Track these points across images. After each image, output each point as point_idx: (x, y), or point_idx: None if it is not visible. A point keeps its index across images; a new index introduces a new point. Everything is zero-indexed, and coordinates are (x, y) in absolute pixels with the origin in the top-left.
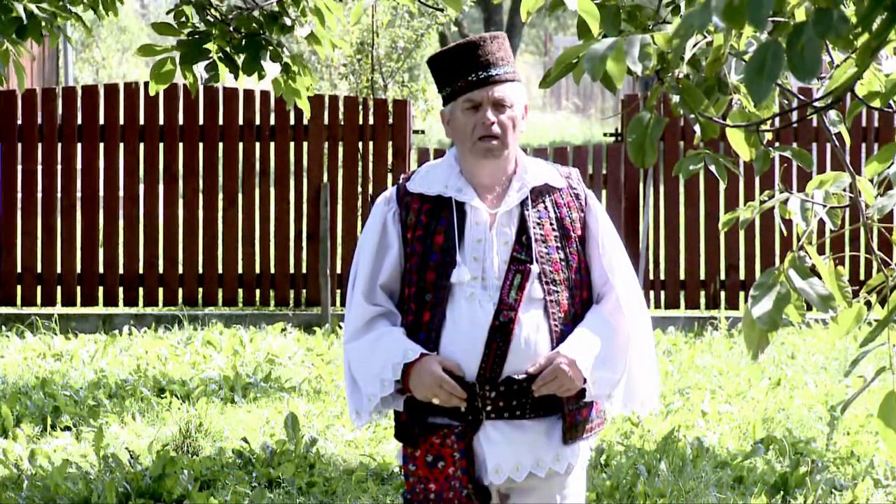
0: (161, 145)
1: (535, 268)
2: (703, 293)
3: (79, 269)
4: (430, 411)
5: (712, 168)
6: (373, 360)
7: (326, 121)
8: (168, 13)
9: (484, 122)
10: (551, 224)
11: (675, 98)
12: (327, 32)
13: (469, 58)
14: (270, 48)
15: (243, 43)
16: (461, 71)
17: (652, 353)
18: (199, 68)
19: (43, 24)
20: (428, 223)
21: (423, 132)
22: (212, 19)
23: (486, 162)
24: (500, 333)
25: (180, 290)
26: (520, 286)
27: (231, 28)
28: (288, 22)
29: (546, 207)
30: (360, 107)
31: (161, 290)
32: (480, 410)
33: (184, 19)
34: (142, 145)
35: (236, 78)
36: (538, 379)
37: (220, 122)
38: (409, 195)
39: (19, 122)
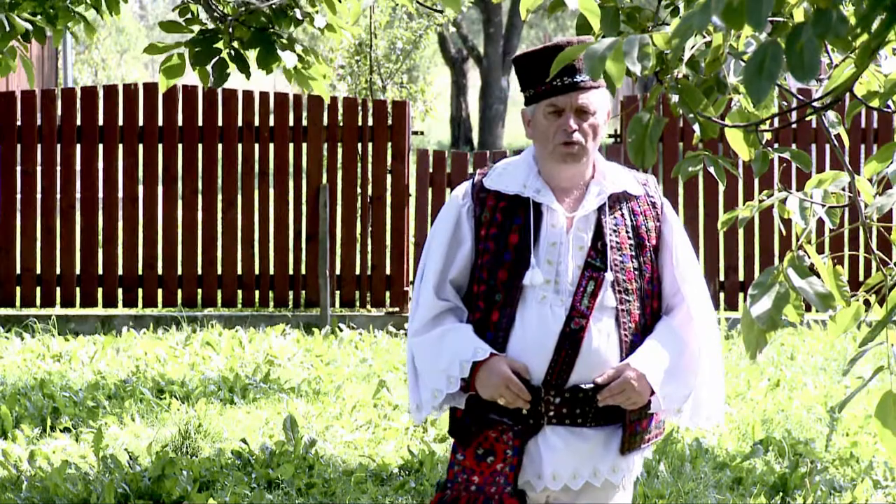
0: (160, 146)
1: (609, 276)
2: None
3: (78, 271)
4: (491, 410)
5: (711, 170)
6: (440, 356)
7: (325, 122)
8: (174, 10)
9: (566, 128)
10: (627, 232)
11: (675, 98)
12: (340, 21)
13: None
14: (281, 42)
15: (253, 39)
16: (546, 74)
17: (719, 366)
18: (211, 69)
19: (34, 29)
20: (503, 222)
21: (422, 133)
22: (219, 15)
23: (566, 167)
24: (570, 340)
25: (179, 291)
26: (593, 293)
27: (241, 21)
28: (298, 15)
29: (623, 215)
30: (359, 108)
31: (160, 290)
32: (542, 415)
33: (190, 16)
34: (141, 146)
35: (248, 77)
36: (605, 390)
37: (220, 123)
38: (484, 191)
39: (18, 123)
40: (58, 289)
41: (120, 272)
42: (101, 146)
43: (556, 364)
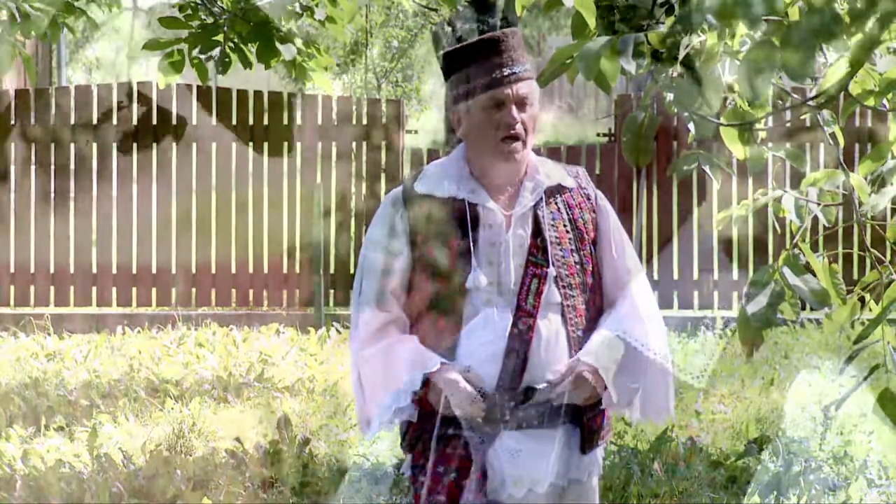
0: (154, 145)
1: (551, 271)
2: (696, 293)
3: (72, 269)
4: (445, 422)
5: (706, 168)
6: (387, 369)
7: (320, 121)
8: (173, 6)
9: (508, 121)
10: (565, 226)
11: (669, 97)
12: (340, 13)
13: (492, 54)
14: (280, 35)
15: (253, 33)
16: (483, 67)
17: (668, 359)
18: (213, 54)
19: (45, 22)
20: (439, 226)
21: (416, 132)
22: (219, 10)
23: (505, 164)
24: (519, 341)
25: (173, 290)
26: (537, 291)
27: (240, 16)
28: (297, 9)
29: (559, 209)
30: (354, 106)
31: (154, 289)
32: (498, 421)
33: (189, 12)
34: (135, 145)
35: (247, 67)
36: (559, 388)
37: (214, 122)
38: (417, 196)
39: (13, 122)
40: (52, 287)
41: (114, 271)
42: (95, 145)
43: (507, 367)
